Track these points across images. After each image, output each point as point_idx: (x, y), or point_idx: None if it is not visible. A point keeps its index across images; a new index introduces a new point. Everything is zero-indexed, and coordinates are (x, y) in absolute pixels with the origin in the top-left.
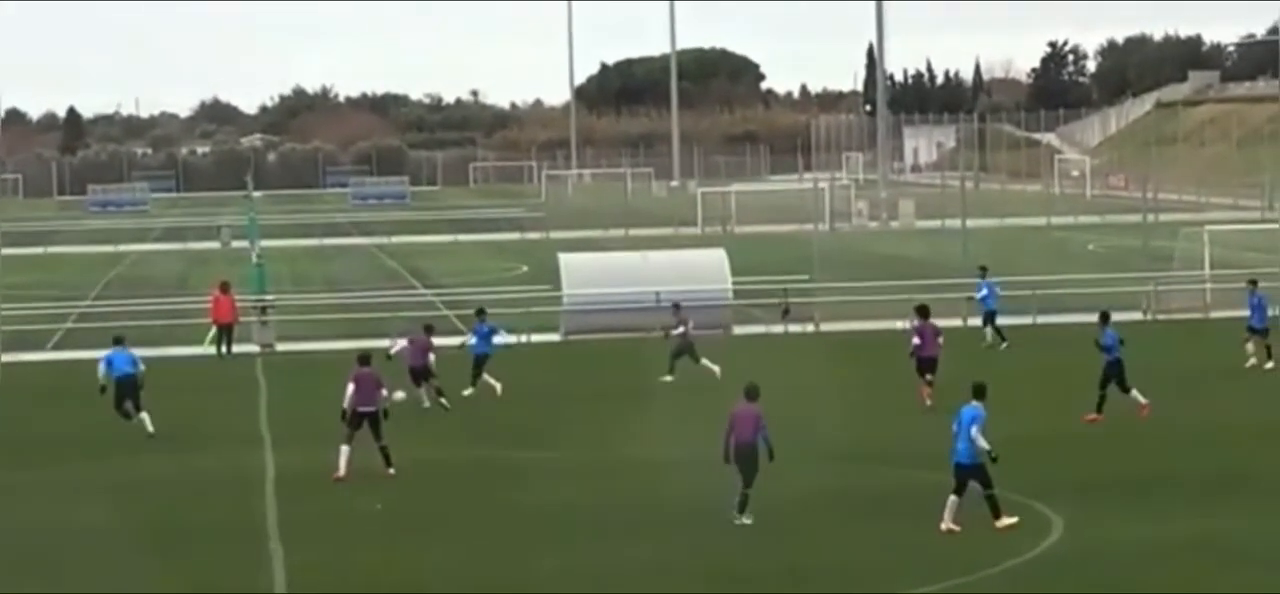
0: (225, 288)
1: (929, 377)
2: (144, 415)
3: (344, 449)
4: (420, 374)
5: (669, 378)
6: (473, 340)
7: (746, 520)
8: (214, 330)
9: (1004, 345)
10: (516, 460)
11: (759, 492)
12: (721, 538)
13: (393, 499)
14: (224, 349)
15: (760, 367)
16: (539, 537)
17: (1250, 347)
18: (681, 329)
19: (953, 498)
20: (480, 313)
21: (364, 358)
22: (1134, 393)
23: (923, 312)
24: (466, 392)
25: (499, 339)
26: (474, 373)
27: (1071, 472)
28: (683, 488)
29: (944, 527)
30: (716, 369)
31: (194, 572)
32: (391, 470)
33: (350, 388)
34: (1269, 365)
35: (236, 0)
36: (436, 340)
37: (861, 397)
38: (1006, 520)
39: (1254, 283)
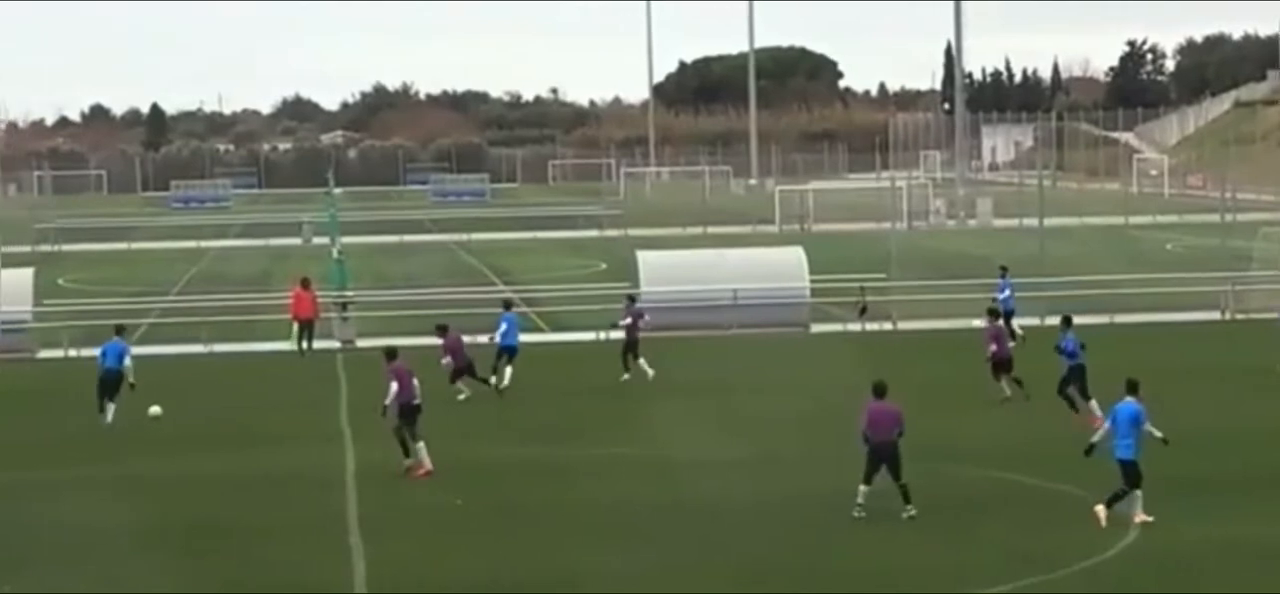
0: (305, 284)
1: (1007, 375)
2: (110, 406)
3: (420, 445)
4: (466, 371)
5: (651, 371)
6: (502, 330)
7: (912, 512)
8: (296, 326)
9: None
10: (590, 457)
11: (832, 488)
12: (800, 536)
13: (473, 495)
14: (304, 344)
15: (837, 364)
16: (608, 533)
17: None
18: (629, 320)
19: (1136, 492)
20: (507, 305)
21: (392, 352)
22: (1093, 404)
23: (995, 314)
24: (493, 381)
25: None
26: (498, 365)
27: (1146, 471)
28: (762, 486)
29: (1137, 519)
30: (650, 371)
31: (275, 566)
32: (409, 462)
33: (394, 386)
34: None
35: None
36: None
37: (939, 395)
38: (1105, 515)
39: None
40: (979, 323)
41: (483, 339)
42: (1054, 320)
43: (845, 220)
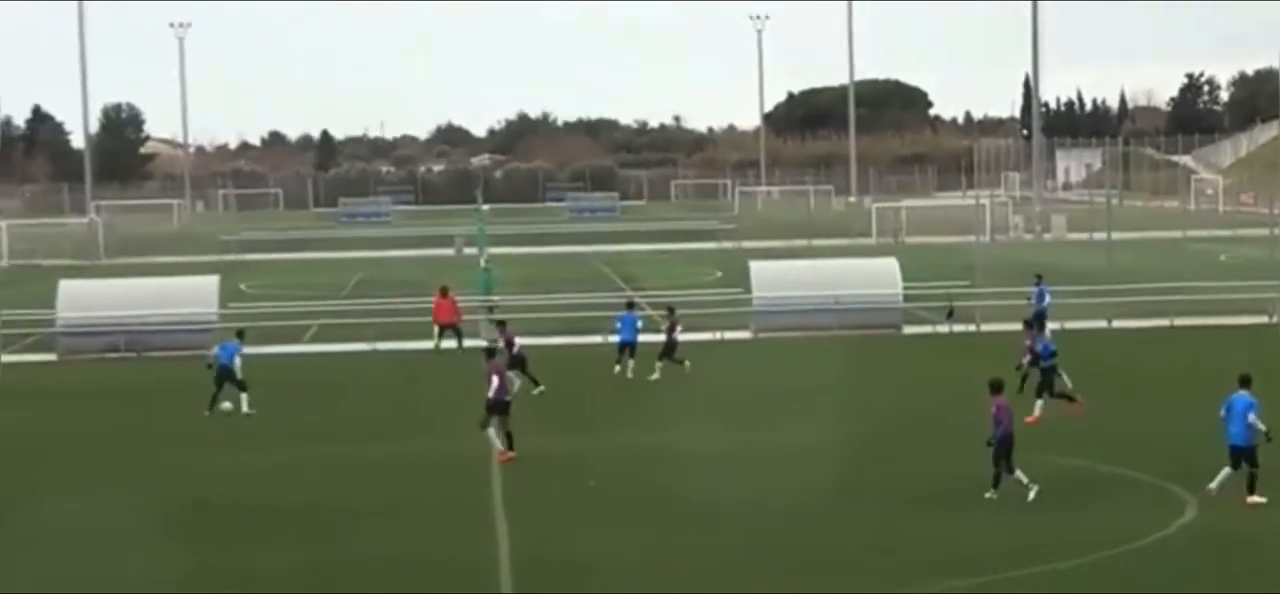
0: (444, 291)
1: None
2: (244, 396)
3: (490, 433)
4: (518, 365)
5: (658, 375)
6: (618, 328)
7: (992, 496)
8: (436, 329)
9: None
10: (711, 447)
11: (918, 474)
12: (878, 521)
13: (605, 479)
14: (453, 343)
15: (928, 363)
16: (729, 517)
17: None
18: (678, 330)
19: (1227, 470)
20: (630, 305)
21: (491, 352)
22: (1041, 400)
23: (1029, 325)
24: (618, 370)
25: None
26: (618, 357)
27: (1204, 458)
28: (856, 472)
29: (1211, 487)
30: (686, 364)
31: (428, 541)
32: (513, 454)
33: (495, 381)
34: None
35: (471, 10)
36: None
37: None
38: (1256, 498)
39: None
40: (1051, 326)
41: (613, 339)
42: (1121, 323)
43: (934, 234)
